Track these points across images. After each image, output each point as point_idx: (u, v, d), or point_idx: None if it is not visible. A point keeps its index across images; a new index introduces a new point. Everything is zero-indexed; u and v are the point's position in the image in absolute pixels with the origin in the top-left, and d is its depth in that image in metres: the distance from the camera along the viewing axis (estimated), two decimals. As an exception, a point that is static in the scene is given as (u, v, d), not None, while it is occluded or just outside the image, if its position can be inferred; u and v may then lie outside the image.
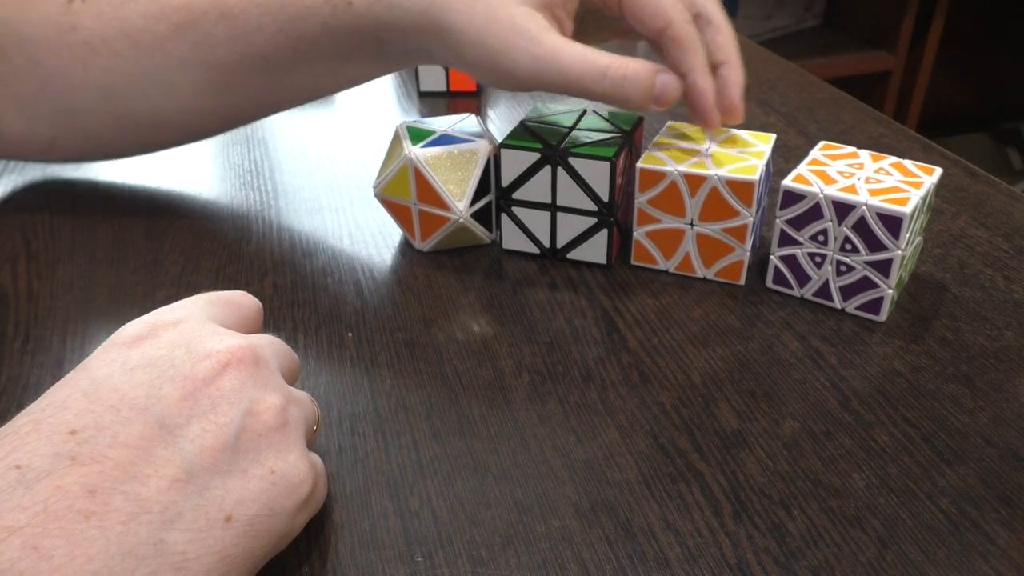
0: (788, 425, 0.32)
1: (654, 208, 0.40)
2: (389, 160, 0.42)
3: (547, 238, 0.42)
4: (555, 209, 0.41)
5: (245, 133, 0.57)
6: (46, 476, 0.21)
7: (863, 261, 0.36)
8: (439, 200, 0.41)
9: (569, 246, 0.42)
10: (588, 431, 0.32)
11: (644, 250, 0.41)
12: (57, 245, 0.45)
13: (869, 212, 0.35)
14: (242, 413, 0.24)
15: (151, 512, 0.21)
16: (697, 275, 0.41)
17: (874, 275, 0.36)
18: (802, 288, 0.39)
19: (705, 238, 0.40)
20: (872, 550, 0.27)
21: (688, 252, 0.40)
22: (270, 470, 0.24)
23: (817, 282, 0.38)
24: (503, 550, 0.27)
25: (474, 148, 0.41)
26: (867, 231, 0.36)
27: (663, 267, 0.41)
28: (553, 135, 0.41)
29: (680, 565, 0.27)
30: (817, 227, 0.37)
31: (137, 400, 0.23)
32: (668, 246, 0.41)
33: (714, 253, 0.40)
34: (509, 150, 0.40)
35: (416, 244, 0.43)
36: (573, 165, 0.39)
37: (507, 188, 0.41)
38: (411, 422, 0.33)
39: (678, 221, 0.40)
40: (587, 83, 0.37)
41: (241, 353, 0.25)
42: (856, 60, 1.63)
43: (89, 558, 0.20)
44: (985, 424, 0.32)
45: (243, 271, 0.42)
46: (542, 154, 0.39)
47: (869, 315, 0.38)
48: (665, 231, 0.40)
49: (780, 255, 0.39)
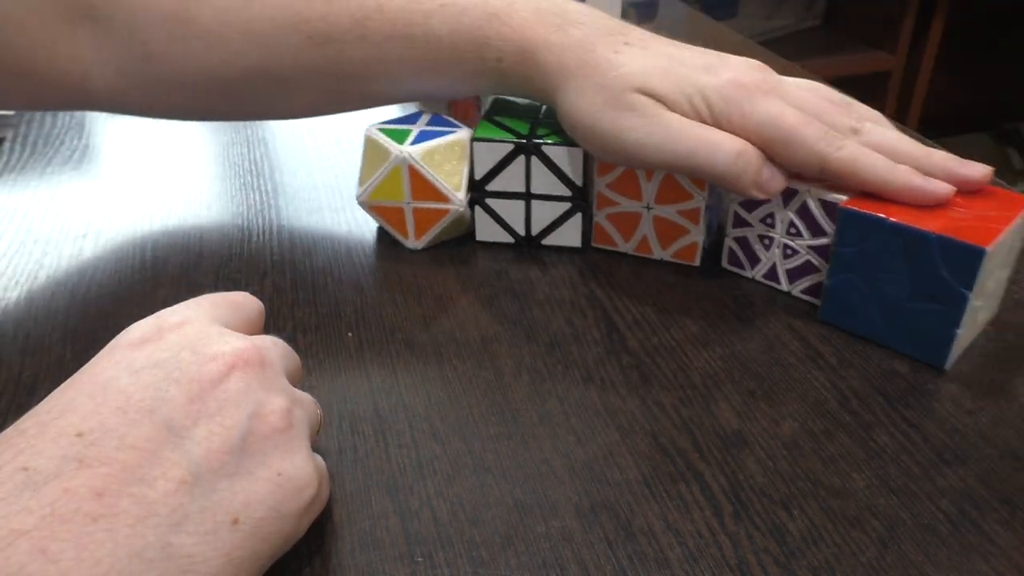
0: (788, 425, 0.32)
1: (613, 192, 0.41)
2: (372, 165, 0.42)
3: (522, 226, 0.43)
4: (529, 197, 0.42)
5: (245, 133, 0.57)
6: (54, 478, 0.20)
7: (806, 245, 0.37)
8: (437, 194, 0.41)
9: (544, 232, 0.43)
10: (588, 431, 0.32)
11: (604, 233, 0.43)
12: (57, 245, 0.45)
13: (811, 199, 0.36)
14: (248, 415, 0.24)
15: (158, 515, 0.21)
16: (655, 256, 0.42)
17: (816, 260, 0.37)
18: (753, 269, 0.40)
19: (661, 220, 0.41)
20: (872, 550, 0.27)
21: (646, 234, 0.42)
22: (276, 472, 0.24)
23: (766, 264, 0.39)
24: (503, 550, 0.27)
25: (459, 138, 0.42)
26: (809, 217, 0.37)
27: (622, 249, 0.43)
28: (521, 126, 0.42)
29: (680, 565, 0.27)
30: (766, 211, 0.38)
31: (144, 402, 0.23)
32: (627, 228, 0.42)
33: (670, 235, 0.41)
34: (483, 143, 0.41)
35: (409, 244, 0.43)
36: (547, 153, 0.40)
37: (480, 181, 0.42)
38: (411, 422, 0.33)
39: (635, 204, 0.41)
40: (698, 160, 0.36)
41: (247, 355, 0.25)
42: (856, 60, 1.63)
43: (96, 561, 0.20)
44: (985, 424, 0.32)
45: (243, 271, 0.42)
46: (516, 145, 0.40)
47: (812, 299, 0.38)
48: (623, 214, 0.42)
49: (734, 236, 0.40)
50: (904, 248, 0.33)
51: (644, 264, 0.42)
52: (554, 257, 0.43)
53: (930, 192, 0.34)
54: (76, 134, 0.58)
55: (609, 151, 0.38)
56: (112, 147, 0.56)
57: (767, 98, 0.36)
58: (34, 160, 0.54)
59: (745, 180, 0.36)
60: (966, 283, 0.32)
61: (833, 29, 1.74)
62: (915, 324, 0.34)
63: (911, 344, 0.35)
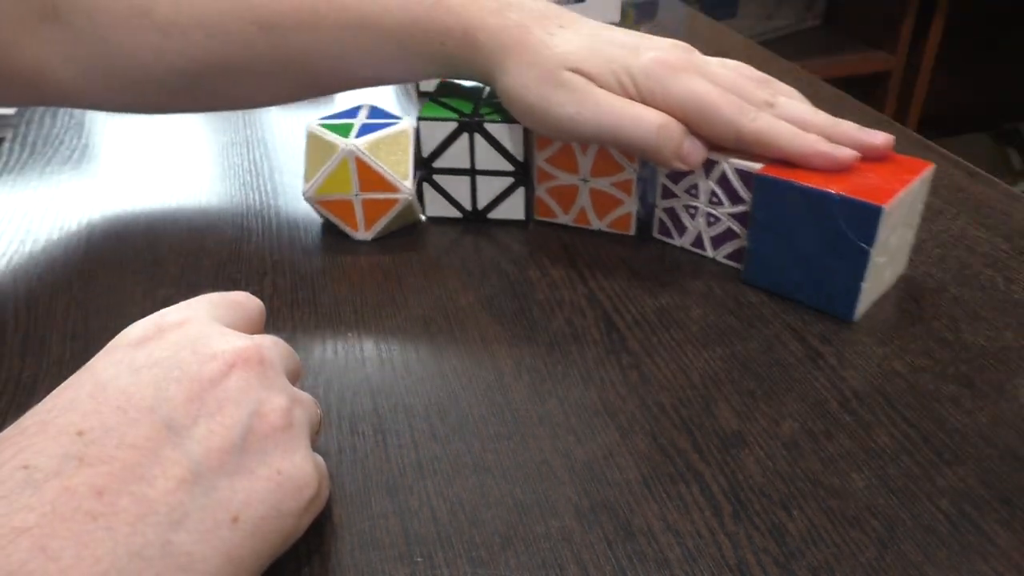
0: (788, 425, 0.32)
1: (551, 166, 0.44)
2: (317, 160, 0.43)
3: (468, 201, 0.46)
4: (474, 173, 0.44)
5: (245, 134, 0.57)
6: (54, 477, 0.21)
7: (727, 213, 0.40)
8: (385, 184, 0.42)
9: (490, 207, 0.46)
10: (588, 431, 0.32)
11: (545, 205, 0.45)
12: (57, 245, 0.45)
13: (729, 168, 0.39)
14: (248, 414, 0.24)
15: (158, 513, 0.21)
16: (592, 227, 0.45)
17: (736, 226, 0.40)
18: (681, 238, 0.43)
19: (597, 192, 0.43)
20: (872, 550, 0.27)
21: (583, 206, 0.44)
22: (276, 471, 0.24)
23: (693, 232, 0.42)
24: (503, 550, 0.27)
25: (402, 128, 0.43)
26: (728, 186, 0.39)
27: (562, 220, 0.45)
28: (465, 106, 0.44)
29: (680, 566, 0.27)
30: (690, 182, 0.41)
31: (144, 401, 0.23)
32: (565, 201, 0.45)
33: (606, 206, 0.44)
34: (428, 122, 0.43)
35: (358, 236, 0.44)
36: (489, 131, 0.43)
37: (428, 158, 0.44)
38: (411, 422, 0.33)
39: (572, 177, 0.44)
40: (625, 134, 0.38)
41: (247, 354, 0.25)
42: (856, 60, 1.63)
43: (96, 559, 0.20)
44: (985, 424, 0.32)
45: (243, 271, 0.42)
46: (460, 123, 0.43)
47: (734, 263, 0.41)
48: (562, 187, 0.44)
49: (663, 207, 0.43)
50: (812, 209, 0.36)
51: (644, 264, 0.42)
52: (553, 256, 0.43)
53: (836, 157, 0.37)
54: (76, 134, 0.58)
55: (544, 126, 0.41)
56: (112, 147, 0.56)
57: (688, 75, 0.38)
58: (34, 160, 0.54)
59: (667, 152, 0.38)
60: (867, 239, 0.35)
61: (833, 29, 1.74)
62: (826, 279, 0.37)
63: (823, 298, 0.38)
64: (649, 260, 0.42)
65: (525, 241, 0.44)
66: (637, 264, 0.42)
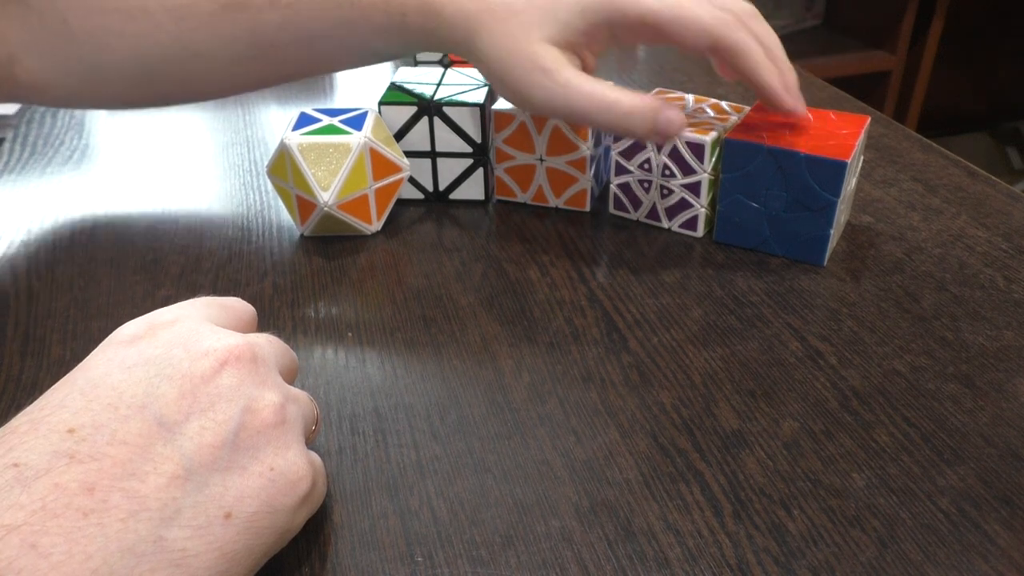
0: (788, 425, 0.32)
1: (509, 147, 0.46)
2: (327, 166, 0.43)
3: (430, 183, 0.47)
4: (435, 155, 0.46)
5: (245, 134, 0.57)
6: (44, 474, 0.20)
7: (679, 184, 0.42)
8: (391, 166, 0.44)
9: (451, 187, 0.47)
10: (588, 431, 0.32)
11: (504, 185, 0.47)
12: (57, 245, 0.45)
13: (680, 141, 0.41)
14: (240, 410, 0.24)
15: (150, 509, 0.21)
16: (550, 204, 0.47)
17: (689, 196, 0.42)
18: (636, 212, 0.45)
19: (553, 171, 0.46)
20: (872, 550, 0.27)
21: (540, 185, 0.46)
22: (269, 467, 0.24)
23: (647, 206, 0.44)
24: (503, 550, 0.27)
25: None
26: (679, 158, 0.42)
27: (521, 199, 0.47)
28: (424, 90, 0.46)
29: (680, 565, 0.27)
30: (642, 157, 0.43)
31: (135, 398, 0.23)
32: (523, 180, 0.47)
33: (562, 184, 0.46)
34: (389, 106, 0.45)
35: (371, 229, 0.45)
36: (448, 114, 0.45)
37: None
38: (411, 422, 0.33)
39: (529, 157, 0.46)
40: (595, 118, 0.40)
41: (239, 351, 0.25)
42: (856, 60, 1.63)
43: (88, 556, 0.20)
44: (985, 424, 0.32)
45: (243, 271, 0.42)
46: (419, 107, 0.45)
47: (689, 232, 0.44)
48: (520, 167, 0.46)
49: (617, 183, 0.45)
50: (779, 167, 0.39)
51: (644, 263, 0.42)
52: (553, 256, 0.43)
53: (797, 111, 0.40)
54: (76, 134, 0.58)
55: (518, 103, 0.42)
56: (112, 147, 0.56)
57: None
58: (34, 160, 0.54)
59: (640, 133, 0.40)
60: (833, 191, 0.38)
61: (833, 29, 1.74)
62: (795, 231, 0.40)
63: (794, 248, 0.41)
64: (650, 260, 0.42)
65: (525, 241, 0.44)
66: (637, 264, 0.42)
